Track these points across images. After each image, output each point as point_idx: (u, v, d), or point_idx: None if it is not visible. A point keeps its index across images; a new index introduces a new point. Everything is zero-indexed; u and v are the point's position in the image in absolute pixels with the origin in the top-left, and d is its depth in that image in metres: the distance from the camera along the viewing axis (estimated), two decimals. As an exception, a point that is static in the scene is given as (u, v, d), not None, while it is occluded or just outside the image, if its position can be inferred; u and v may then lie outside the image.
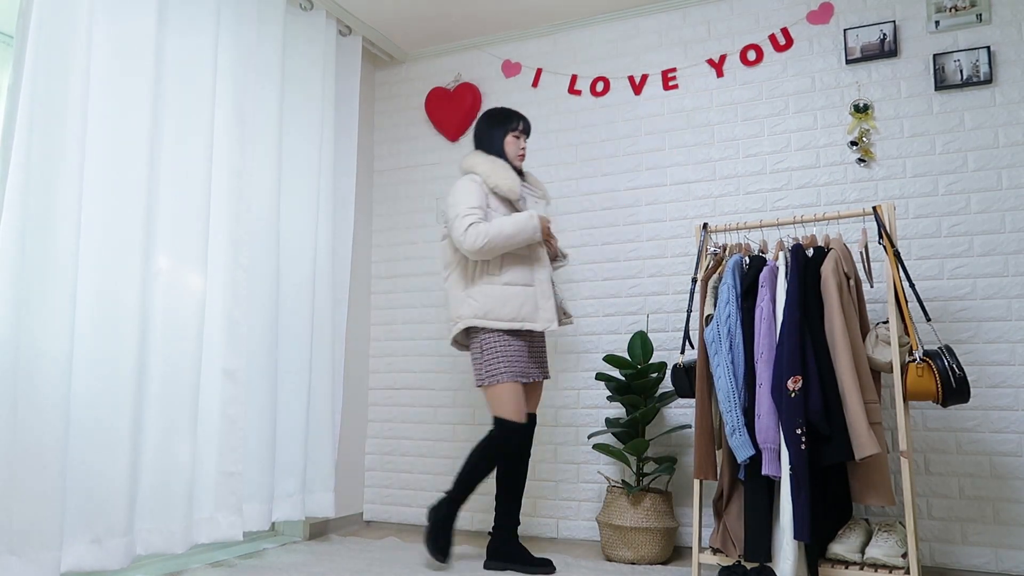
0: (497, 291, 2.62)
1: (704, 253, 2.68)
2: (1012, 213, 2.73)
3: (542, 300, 2.67)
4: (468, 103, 3.66)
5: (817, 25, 3.09)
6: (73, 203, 2.14)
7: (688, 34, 3.32)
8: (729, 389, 2.39)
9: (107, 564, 2.22)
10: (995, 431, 2.67)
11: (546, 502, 3.31)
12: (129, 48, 2.39)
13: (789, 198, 3.06)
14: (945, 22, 2.88)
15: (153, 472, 2.42)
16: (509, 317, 2.61)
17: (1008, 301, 2.70)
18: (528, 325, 2.62)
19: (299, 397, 3.02)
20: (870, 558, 2.28)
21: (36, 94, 2.08)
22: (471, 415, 3.52)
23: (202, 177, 2.59)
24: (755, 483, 2.36)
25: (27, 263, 2.05)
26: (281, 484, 2.96)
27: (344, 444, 3.51)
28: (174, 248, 2.53)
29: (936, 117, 2.87)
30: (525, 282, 2.66)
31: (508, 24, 3.58)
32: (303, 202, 3.14)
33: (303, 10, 3.25)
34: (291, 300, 3.05)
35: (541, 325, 2.63)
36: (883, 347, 2.35)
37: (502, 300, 2.61)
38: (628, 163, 3.36)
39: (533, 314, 2.64)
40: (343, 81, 3.47)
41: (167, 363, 2.47)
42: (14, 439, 1.99)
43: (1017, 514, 2.61)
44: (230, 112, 2.75)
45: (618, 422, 2.99)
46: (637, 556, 2.81)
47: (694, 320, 2.94)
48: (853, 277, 2.42)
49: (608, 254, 3.34)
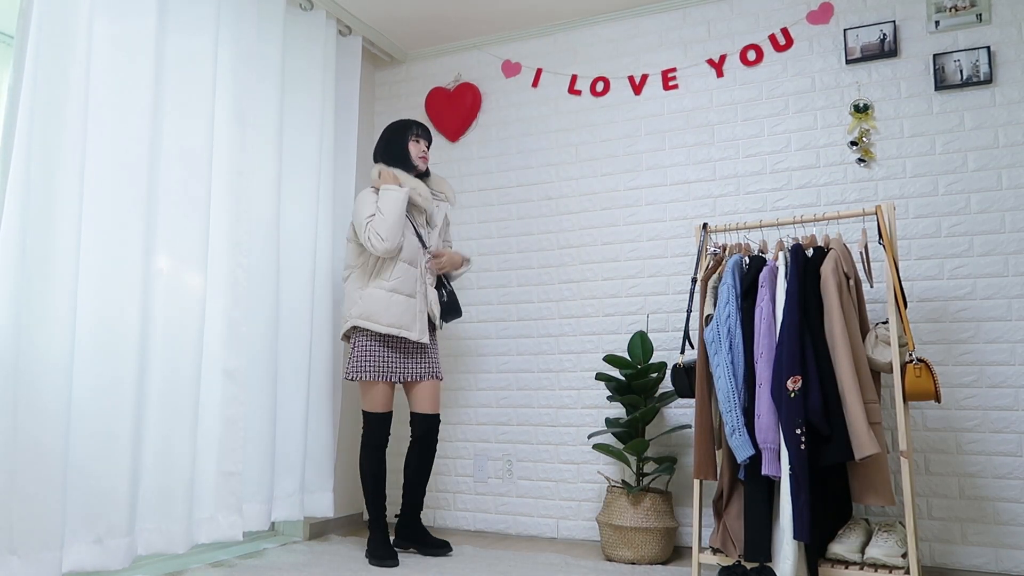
0: (382, 296, 2.83)
1: (704, 253, 2.68)
2: (1012, 213, 2.73)
3: (420, 314, 2.88)
4: (468, 103, 3.66)
5: (817, 25, 3.09)
6: (73, 203, 2.14)
7: (688, 34, 3.32)
8: (729, 389, 2.39)
9: (108, 564, 2.22)
10: (995, 431, 2.67)
11: (546, 502, 3.32)
12: (129, 48, 2.39)
13: (789, 198, 3.06)
14: (945, 22, 2.88)
15: (154, 472, 2.43)
16: (387, 323, 2.81)
17: (1008, 301, 2.71)
18: (404, 333, 2.83)
19: (299, 397, 3.02)
20: (870, 558, 2.28)
21: (36, 94, 2.08)
22: (471, 415, 3.52)
23: (202, 177, 2.59)
24: (755, 483, 2.36)
25: (27, 263, 2.05)
26: (281, 484, 2.96)
27: (344, 444, 3.51)
28: (174, 248, 2.53)
29: (936, 117, 2.87)
30: (409, 293, 2.87)
31: (508, 24, 3.58)
32: (303, 202, 3.14)
33: (303, 10, 3.25)
34: (291, 300, 3.05)
35: (415, 336, 2.85)
36: (883, 347, 2.35)
37: (385, 306, 2.82)
38: (628, 163, 3.36)
39: (411, 324, 2.85)
40: (343, 81, 3.47)
41: (167, 363, 2.47)
42: (15, 439, 1.99)
43: (1017, 514, 2.61)
44: (230, 112, 2.75)
45: (618, 422, 3.00)
46: (637, 556, 2.81)
47: (694, 320, 2.94)
48: (853, 277, 2.42)
49: (608, 254, 3.34)
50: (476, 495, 3.45)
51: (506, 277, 3.54)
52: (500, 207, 3.59)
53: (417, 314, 2.87)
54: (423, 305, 2.90)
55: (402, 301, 2.84)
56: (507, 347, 3.49)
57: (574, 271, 3.40)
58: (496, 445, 3.45)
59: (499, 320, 3.53)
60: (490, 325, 3.54)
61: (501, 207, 3.59)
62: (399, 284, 2.85)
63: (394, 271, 2.85)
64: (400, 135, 3.02)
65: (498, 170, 3.62)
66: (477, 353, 3.55)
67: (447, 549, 2.92)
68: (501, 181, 3.61)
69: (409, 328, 2.84)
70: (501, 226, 3.58)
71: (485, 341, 3.54)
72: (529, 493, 3.35)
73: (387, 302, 2.82)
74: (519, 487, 3.38)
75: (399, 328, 2.82)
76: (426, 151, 3.04)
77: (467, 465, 3.50)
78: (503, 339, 3.51)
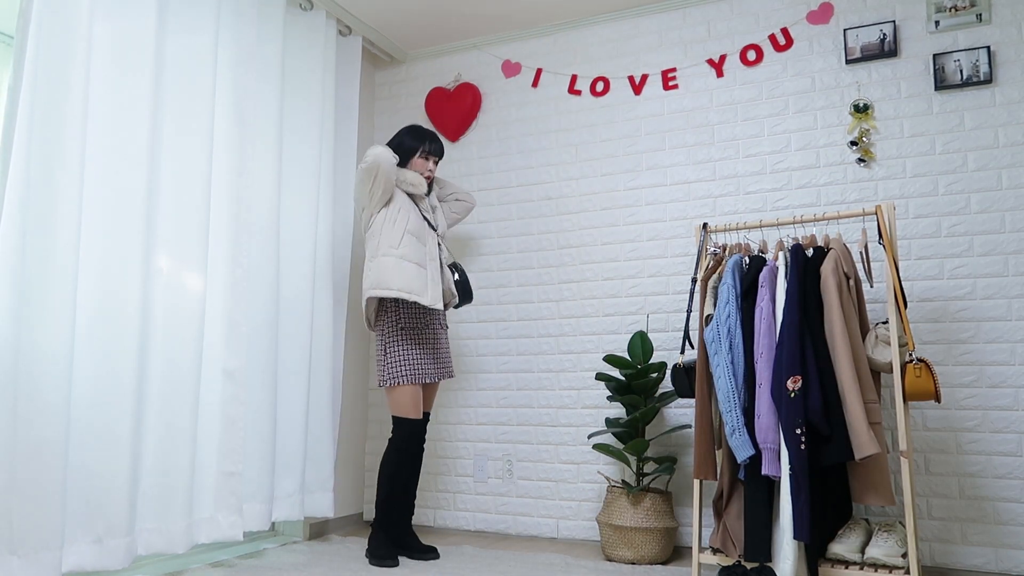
0: (392, 263, 2.78)
1: (704, 253, 2.68)
2: (1012, 213, 2.73)
3: (432, 283, 2.82)
4: (468, 103, 3.66)
5: (817, 25, 3.09)
6: (73, 203, 2.14)
7: (688, 34, 3.32)
8: (729, 389, 2.39)
9: (108, 564, 2.22)
10: (995, 431, 2.67)
11: (546, 502, 3.32)
12: (129, 48, 2.39)
13: (789, 198, 3.06)
14: (945, 22, 2.88)
15: (153, 472, 2.43)
16: (397, 287, 2.75)
17: (1008, 301, 2.71)
18: (414, 297, 2.75)
19: (299, 397, 3.02)
20: (870, 558, 2.28)
21: (36, 94, 2.09)
22: (471, 415, 3.52)
23: (202, 177, 2.59)
24: (755, 483, 2.36)
25: (27, 263, 2.05)
26: (281, 484, 2.96)
27: (344, 444, 3.51)
28: (174, 248, 2.53)
29: (936, 117, 2.87)
30: (418, 262, 2.81)
31: (508, 24, 3.58)
32: (303, 202, 3.14)
33: (303, 10, 3.25)
34: (291, 300, 3.05)
35: (427, 300, 2.77)
36: (883, 347, 2.35)
37: (395, 271, 2.77)
38: (628, 163, 3.36)
39: (422, 290, 2.78)
40: (343, 81, 3.46)
41: (167, 363, 2.47)
42: (15, 439, 2.00)
43: (1017, 514, 2.61)
44: (230, 112, 2.75)
45: (618, 422, 3.00)
46: (637, 556, 2.81)
47: (694, 320, 2.94)
48: (853, 277, 2.42)
49: (608, 254, 3.34)
50: (476, 495, 3.45)
51: (506, 277, 3.54)
52: (500, 207, 3.59)
53: (429, 282, 2.80)
54: (436, 275, 2.84)
55: (412, 268, 2.78)
56: (507, 347, 3.49)
57: (574, 271, 3.40)
58: (496, 445, 3.45)
59: (499, 320, 3.53)
60: (490, 325, 3.54)
61: (501, 207, 3.59)
62: (408, 252, 2.79)
63: (403, 240, 2.79)
64: (415, 141, 3.00)
65: (498, 170, 3.62)
66: (477, 353, 3.55)
67: (433, 555, 2.87)
68: (501, 181, 3.61)
69: (420, 293, 2.76)
70: (501, 226, 3.58)
71: (485, 341, 3.54)
72: (529, 493, 3.35)
73: (397, 268, 2.76)
74: (519, 487, 3.38)
75: (409, 292, 2.74)
76: (433, 169, 3.03)
77: (467, 465, 3.50)
78: (503, 339, 3.51)
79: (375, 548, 2.80)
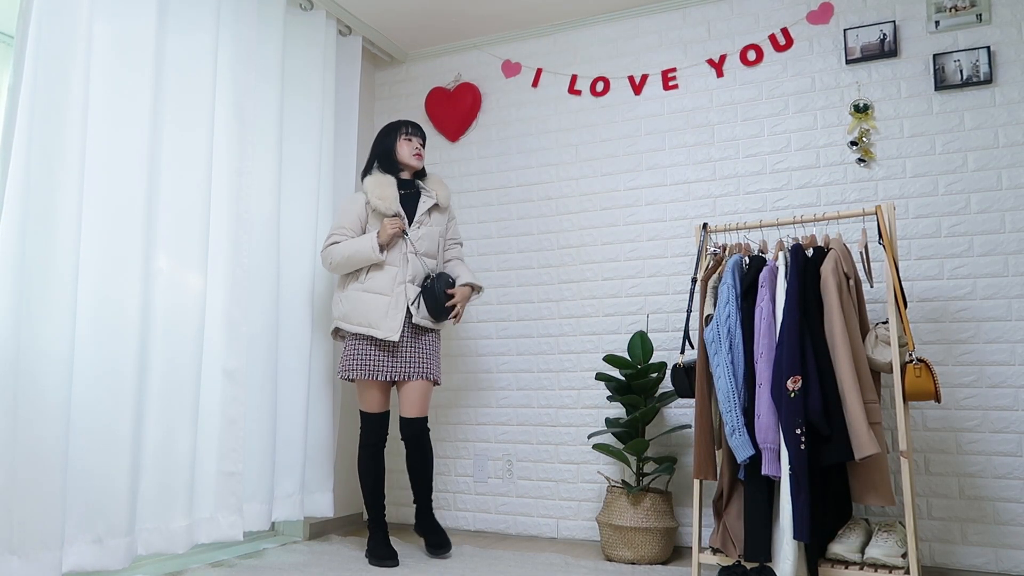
0: (356, 297, 2.86)
1: (704, 253, 2.68)
2: (1012, 213, 2.73)
3: (392, 311, 2.83)
4: (468, 103, 3.66)
5: (817, 25, 3.09)
6: (73, 203, 2.14)
7: (688, 34, 3.32)
8: (729, 389, 2.39)
9: (108, 564, 2.22)
10: (995, 431, 2.67)
11: (546, 502, 3.32)
12: (129, 48, 2.39)
13: (789, 198, 3.06)
14: (945, 22, 2.88)
15: (154, 472, 2.42)
16: (356, 322, 2.84)
17: (1008, 301, 2.71)
18: (371, 332, 2.81)
19: (299, 397, 3.02)
20: (870, 558, 2.28)
21: (36, 94, 2.08)
22: (471, 415, 3.52)
23: (202, 177, 2.59)
24: (755, 483, 2.36)
25: (27, 263, 2.05)
26: (281, 484, 2.96)
27: (344, 444, 3.51)
28: (174, 248, 2.53)
29: (936, 117, 2.87)
30: (382, 291, 2.85)
31: (508, 24, 3.58)
32: (303, 202, 3.14)
33: (303, 10, 3.25)
34: (291, 300, 3.05)
35: (382, 334, 2.80)
36: (883, 347, 2.35)
37: (357, 306, 2.85)
38: (628, 163, 3.36)
39: (379, 321, 2.82)
40: (343, 81, 3.46)
41: (167, 363, 2.47)
42: (15, 439, 1.99)
43: (1017, 514, 2.61)
44: (230, 112, 2.75)
45: (618, 422, 3.00)
46: (637, 556, 2.81)
47: (694, 320, 2.94)
48: (853, 277, 2.42)
49: (608, 254, 3.34)
50: (476, 495, 3.45)
51: (506, 277, 3.54)
52: (500, 207, 3.59)
53: (389, 311, 2.82)
54: (399, 302, 2.83)
55: (372, 299, 2.83)
56: (507, 347, 3.49)
57: (574, 271, 3.40)
58: (496, 445, 3.45)
59: (499, 320, 3.53)
60: (490, 325, 3.54)
61: (501, 207, 3.59)
62: (373, 284, 2.85)
63: (369, 272, 2.86)
64: (389, 136, 3.01)
65: (498, 170, 3.62)
66: (477, 353, 3.55)
67: (444, 550, 2.88)
68: (501, 181, 3.61)
69: (376, 326, 2.80)
70: (501, 226, 3.58)
71: (485, 341, 3.54)
72: (529, 493, 3.35)
73: (359, 302, 2.84)
74: (519, 487, 3.38)
75: (367, 327, 2.81)
76: (420, 148, 3.01)
77: (467, 465, 3.50)
78: (503, 339, 3.51)
79: (373, 548, 2.80)
